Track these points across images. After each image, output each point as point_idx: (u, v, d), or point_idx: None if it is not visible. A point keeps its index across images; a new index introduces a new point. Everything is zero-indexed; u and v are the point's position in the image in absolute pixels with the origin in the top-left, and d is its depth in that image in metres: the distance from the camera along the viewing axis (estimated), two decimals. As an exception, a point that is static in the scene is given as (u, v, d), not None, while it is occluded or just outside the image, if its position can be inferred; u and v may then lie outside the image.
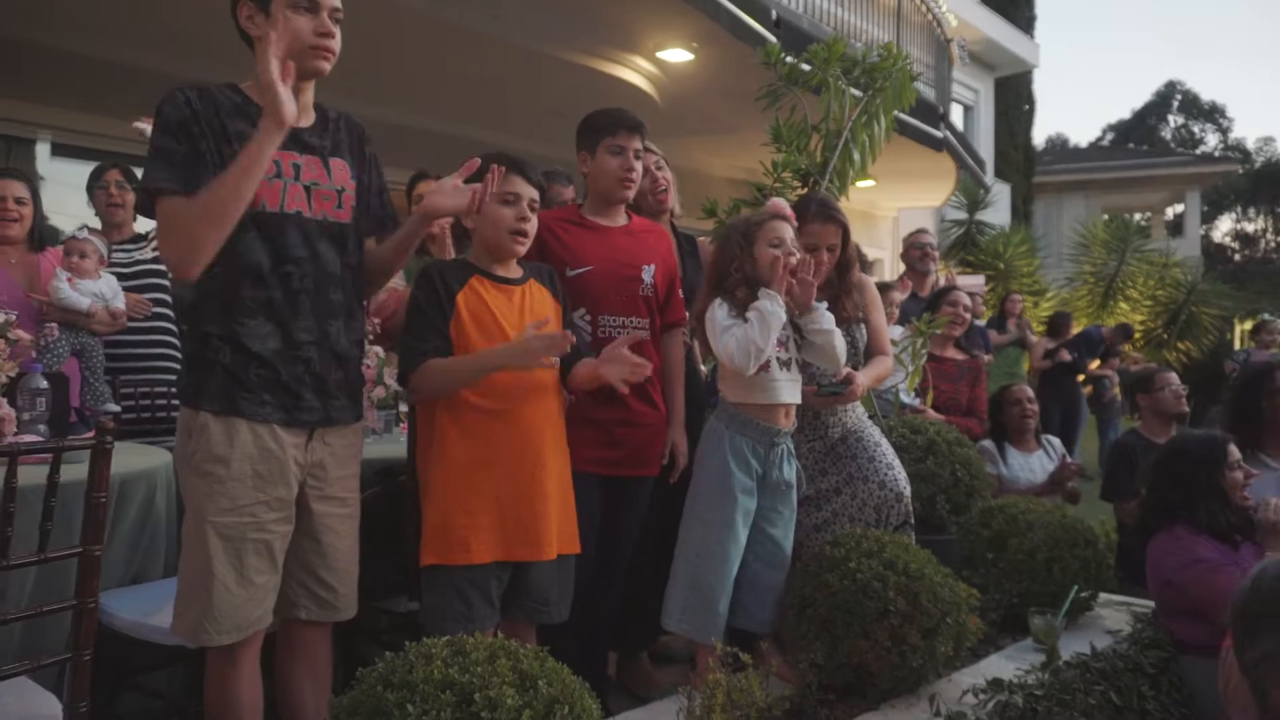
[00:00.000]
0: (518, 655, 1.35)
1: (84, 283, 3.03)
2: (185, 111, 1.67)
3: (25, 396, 2.32)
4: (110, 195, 3.44)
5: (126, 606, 1.99)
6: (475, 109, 6.60)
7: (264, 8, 1.71)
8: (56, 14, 4.88)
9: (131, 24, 5.03)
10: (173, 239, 1.67)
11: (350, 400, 1.87)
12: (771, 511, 2.33)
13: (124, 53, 5.33)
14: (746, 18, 5.36)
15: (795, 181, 3.09)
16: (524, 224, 2.02)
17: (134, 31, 5.13)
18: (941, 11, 9.71)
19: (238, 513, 1.67)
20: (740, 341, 2.18)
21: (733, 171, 8.49)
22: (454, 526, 1.91)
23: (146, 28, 5.07)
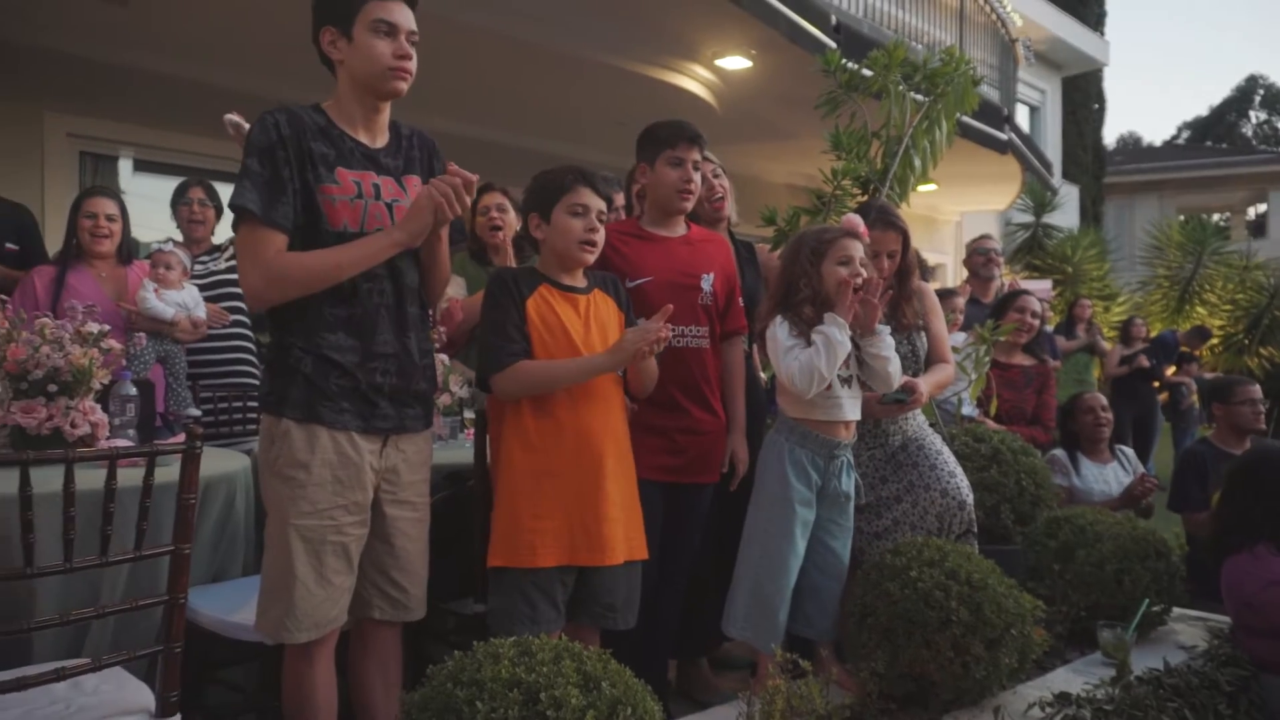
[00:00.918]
0: (581, 657, 1.38)
1: (169, 293, 3.18)
2: (272, 135, 1.76)
3: (117, 402, 2.45)
4: (193, 210, 3.59)
5: (208, 603, 2.08)
6: (537, 120, 6.71)
7: (346, 33, 1.79)
8: (136, 36, 5.12)
9: (209, 44, 5.26)
10: (255, 273, 1.76)
11: (422, 408, 1.94)
12: (830, 523, 2.34)
13: (201, 72, 5.56)
14: (805, 23, 5.35)
15: (855, 189, 3.08)
16: (593, 234, 2.07)
17: (211, 51, 5.36)
18: (1006, 12, 9.53)
19: (318, 516, 1.75)
20: (803, 366, 2.18)
21: (792, 178, 8.46)
22: (520, 530, 1.96)
23: (223, 48, 5.29)
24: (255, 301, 1.80)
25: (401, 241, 1.79)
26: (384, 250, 1.78)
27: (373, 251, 1.77)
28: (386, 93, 1.84)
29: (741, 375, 2.55)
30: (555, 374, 2.00)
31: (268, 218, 1.73)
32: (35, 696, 1.49)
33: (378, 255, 1.78)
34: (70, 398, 2.23)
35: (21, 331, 2.23)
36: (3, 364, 2.17)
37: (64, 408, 2.21)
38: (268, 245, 1.74)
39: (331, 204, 1.78)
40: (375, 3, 1.79)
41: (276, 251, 1.74)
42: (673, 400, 2.30)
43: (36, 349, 2.19)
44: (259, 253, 1.74)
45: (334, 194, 1.78)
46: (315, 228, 1.77)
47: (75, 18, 4.87)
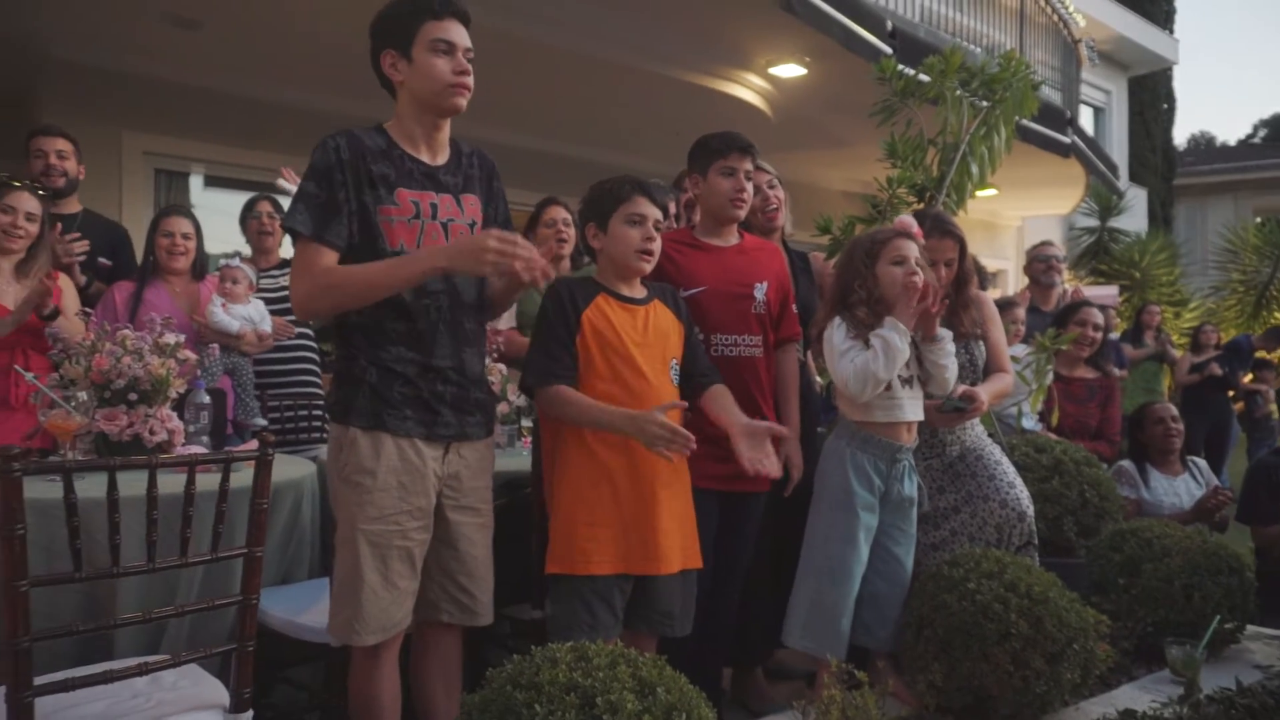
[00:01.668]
0: (637, 663, 1.40)
1: (235, 307, 3.30)
2: (332, 159, 1.82)
3: (192, 410, 2.55)
4: (262, 224, 3.72)
5: (277, 605, 2.16)
6: (594, 131, 6.79)
7: (406, 54, 1.85)
8: (207, 57, 5.33)
9: (275, 64, 5.45)
10: (302, 285, 1.83)
11: (483, 416, 1.98)
12: (894, 528, 2.32)
13: (267, 90, 5.77)
14: (860, 30, 5.32)
15: (911, 197, 3.06)
16: (650, 244, 2.09)
17: (277, 70, 5.55)
18: (1068, 12, 9.33)
19: (384, 521, 1.80)
20: (860, 369, 2.17)
21: (848, 185, 8.39)
22: (576, 538, 2.00)
23: (289, 67, 5.48)
24: (301, 311, 1.86)
25: (440, 269, 1.80)
26: (421, 274, 1.80)
27: (409, 275, 1.79)
28: (447, 110, 1.89)
29: (796, 383, 2.55)
30: (578, 409, 1.99)
31: (319, 236, 1.79)
32: (118, 690, 1.57)
33: (413, 279, 1.80)
34: (149, 406, 2.33)
35: (105, 343, 2.34)
36: (88, 374, 2.28)
37: (143, 415, 2.32)
38: (318, 260, 1.80)
39: (390, 224, 1.84)
40: (432, 23, 1.84)
41: (325, 267, 1.80)
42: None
43: (119, 359, 2.30)
44: (308, 267, 1.81)
45: (392, 215, 1.84)
46: (373, 247, 1.83)
47: (151, 42, 5.09)
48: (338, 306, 1.83)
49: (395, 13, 1.86)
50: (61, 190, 3.37)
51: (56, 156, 3.35)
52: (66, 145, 3.39)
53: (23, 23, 4.84)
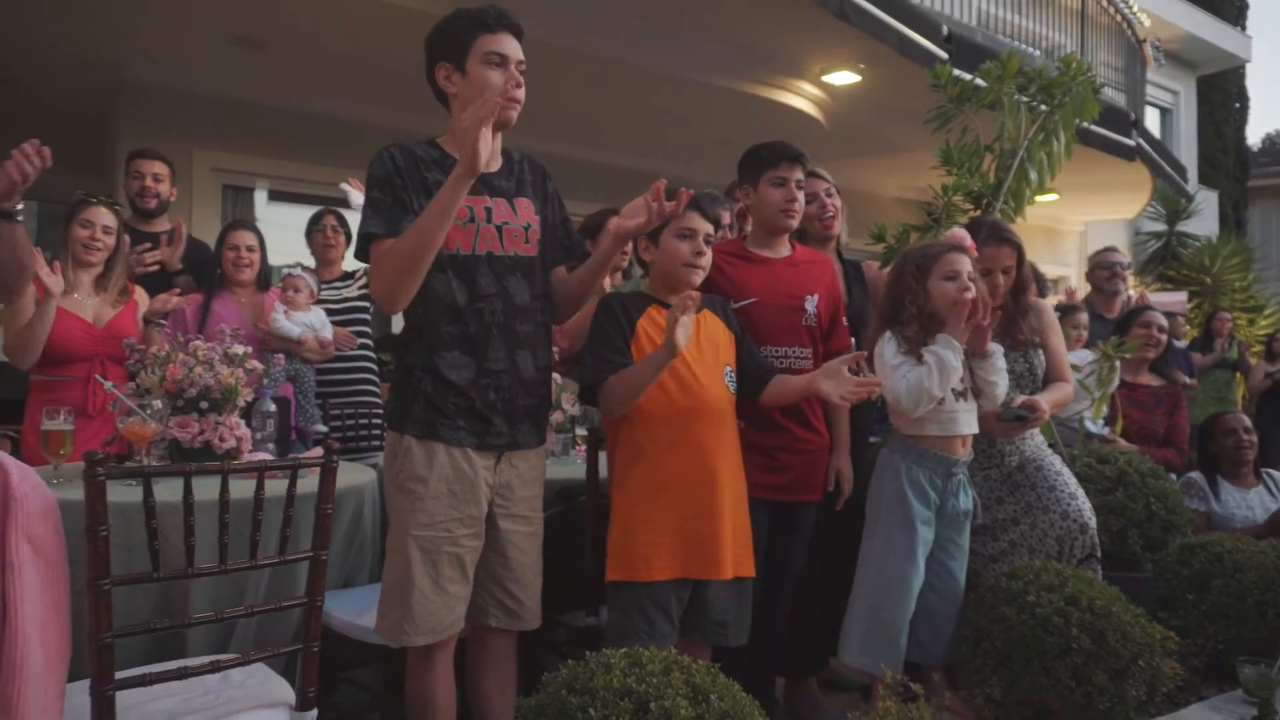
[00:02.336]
0: (690, 670, 1.42)
1: (296, 314, 3.40)
2: (389, 167, 1.88)
3: (258, 418, 2.64)
4: (326, 237, 3.83)
5: (339, 607, 2.21)
6: (646, 141, 6.83)
7: (460, 67, 1.90)
8: (271, 75, 5.51)
9: (335, 81, 5.61)
10: (379, 278, 1.88)
11: (535, 425, 2.01)
12: (949, 542, 2.29)
13: (327, 106, 5.94)
14: (915, 36, 5.27)
15: (967, 204, 3.02)
16: (699, 258, 2.11)
17: (337, 87, 5.71)
18: (1132, 12, 9.09)
19: (435, 527, 1.84)
20: (912, 386, 2.15)
21: (903, 191, 8.29)
22: (636, 545, 2.02)
23: (348, 83, 5.63)
24: (386, 306, 1.87)
25: (461, 174, 1.75)
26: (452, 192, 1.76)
27: (444, 201, 1.76)
28: (500, 122, 1.93)
29: None
30: (629, 378, 2.01)
31: (393, 233, 1.84)
32: (191, 686, 1.63)
33: (450, 200, 1.76)
34: (219, 414, 2.42)
35: (178, 353, 2.44)
36: (162, 383, 2.38)
37: (213, 423, 2.40)
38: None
39: None
40: (486, 36, 1.89)
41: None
42: (773, 419, 2.31)
43: (191, 369, 2.39)
44: (383, 264, 1.84)
45: None
46: None
47: (220, 63, 5.29)
48: (407, 274, 1.80)
49: (450, 26, 1.91)
50: (153, 210, 3.55)
51: (153, 179, 3.54)
52: (163, 169, 3.58)
53: (101, 48, 5.07)
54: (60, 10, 4.59)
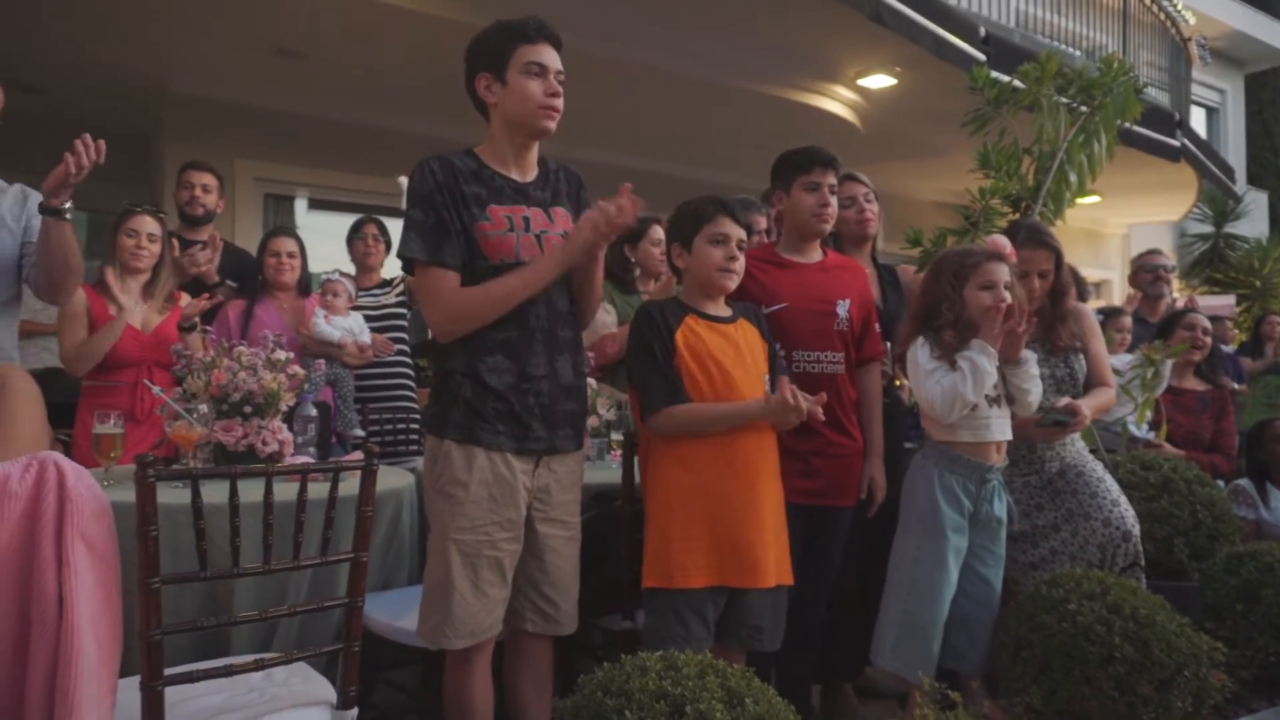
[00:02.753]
0: (725, 673, 1.42)
1: (336, 319, 3.46)
2: (430, 183, 1.91)
3: (300, 423, 2.69)
4: (367, 245, 3.90)
5: (378, 609, 2.25)
6: (681, 147, 6.84)
7: (500, 77, 1.93)
8: (311, 86, 5.61)
9: (373, 91, 5.70)
10: (438, 310, 1.91)
11: (573, 430, 2.03)
12: (982, 549, 2.27)
13: (366, 116, 6.04)
14: (952, 38, 5.23)
15: (1005, 207, 2.99)
16: (733, 263, 2.12)
17: (375, 97, 5.80)
18: (1176, 9, 8.92)
19: (474, 531, 1.86)
20: (945, 392, 2.14)
21: (940, 195, 8.21)
22: (672, 552, 2.02)
23: (386, 93, 5.72)
24: (442, 336, 1.93)
25: (565, 261, 1.89)
26: (550, 271, 1.88)
27: (540, 273, 1.88)
28: (537, 131, 1.95)
29: (879, 400, 2.53)
30: (697, 418, 2.04)
31: (437, 260, 1.87)
32: (235, 683, 1.67)
33: (546, 276, 1.89)
34: (262, 418, 2.47)
35: (223, 359, 2.49)
36: (208, 388, 2.43)
37: (257, 427, 2.45)
38: (443, 285, 1.88)
39: (487, 239, 1.91)
40: (526, 46, 1.92)
41: (452, 290, 1.88)
42: (806, 424, 2.31)
43: (235, 374, 2.44)
44: (437, 293, 1.89)
45: (488, 230, 1.91)
46: (472, 263, 1.91)
47: (261, 74, 5.41)
48: (479, 323, 1.88)
49: (490, 37, 1.94)
50: (199, 219, 3.68)
51: (201, 189, 3.68)
52: (212, 180, 3.72)
53: (147, 63, 5.21)
54: (107, 26, 4.72)
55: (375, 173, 5.92)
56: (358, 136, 6.07)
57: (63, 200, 2.23)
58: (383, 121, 6.06)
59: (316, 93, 5.73)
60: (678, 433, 2.06)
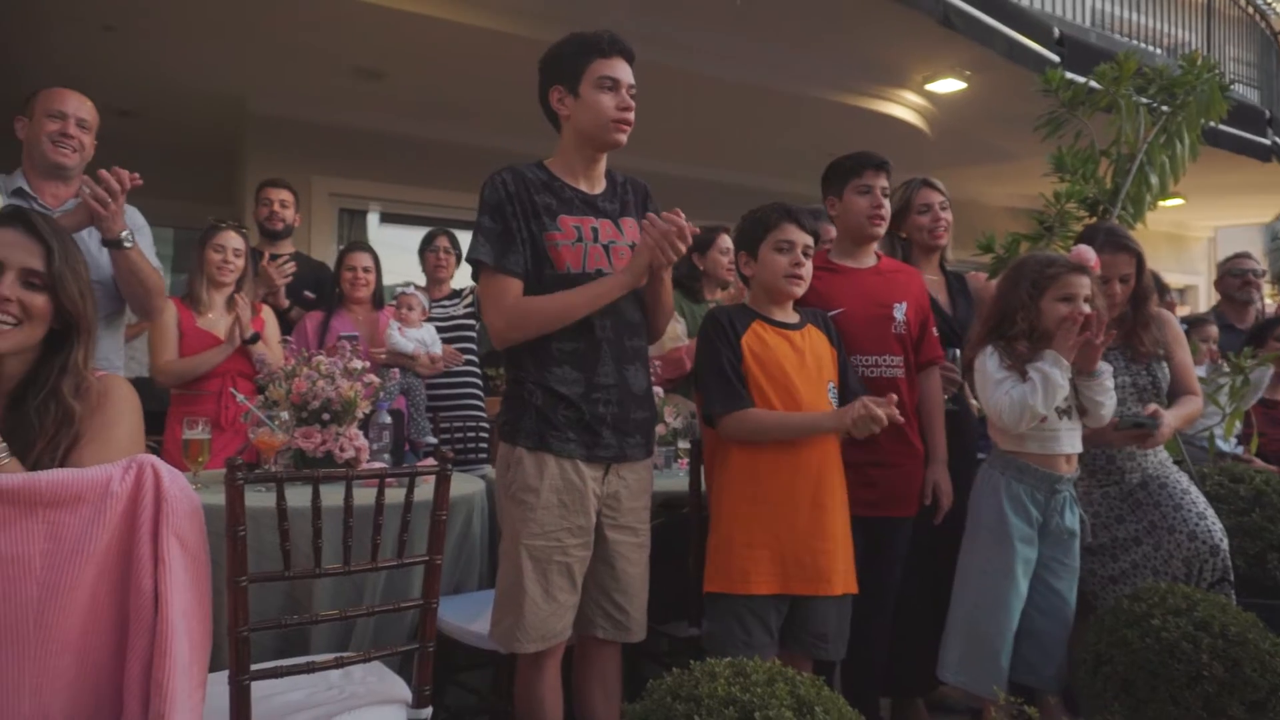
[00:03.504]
0: (795, 681, 1.41)
1: (409, 330, 3.55)
2: (501, 193, 1.96)
3: (375, 430, 2.77)
4: (439, 258, 4.00)
5: (450, 612, 2.29)
6: (746, 156, 6.84)
7: (573, 90, 1.97)
8: (386, 104, 5.78)
9: (446, 107, 5.84)
10: (499, 318, 1.95)
11: (643, 438, 2.05)
12: (1054, 562, 2.20)
13: (437, 131, 6.20)
14: (1024, 40, 5.12)
15: (1082, 211, 2.91)
16: (798, 269, 2.12)
17: (448, 113, 5.95)
18: (1265, 2, 8.56)
19: (545, 537, 1.89)
20: (1015, 402, 2.09)
21: (1012, 200, 8.03)
22: (735, 557, 2.03)
23: (458, 109, 5.86)
24: (499, 341, 1.98)
25: (626, 284, 1.92)
26: (611, 292, 1.92)
27: (601, 293, 1.92)
28: (608, 144, 1.99)
29: (940, 405, 2.49)
30: (767, 425, 2.05)
31: (501, 266, 1.92)
32: (316, 680, 1.73)
33: (606, 297, 1.92)
34: (340, 425, 2.55)
35: (303, 368, 2.59)
36: (289, 395, 2.52)
37: (334, 434, 2.53)
38: (506, 292, 1.93)
39: (556, 249, 1.94)
40: (600, 61, 1.95)
41: (515, 297, 1.93)
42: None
43: (314, 383, 2.53)
44: (500, 299, 1.93)
45: (558, 240, 1.95)
46: (541, 271, 1.95)
47: (338, 94, 5.60)
48: (534, 334, 1.93)
49: (565, 51, 1.98)
50: (278, 233, 3.87)
51: (279, 205, 3.86)
52: (289, 196, 3.90)
53: (230, 84, 5.45)
54: (194, 53, 4.96)
55: (445, 187, 6.08)
56: (429, 151, 6.23)
57: (117, 233, 2.33)
58: (453, 136, 6.21)
59: (390, 110, 5.90)
60: (746, 438, 2.06)
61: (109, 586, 1.26)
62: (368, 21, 4.54)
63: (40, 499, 1.20)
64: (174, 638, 1.25)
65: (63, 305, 1.47)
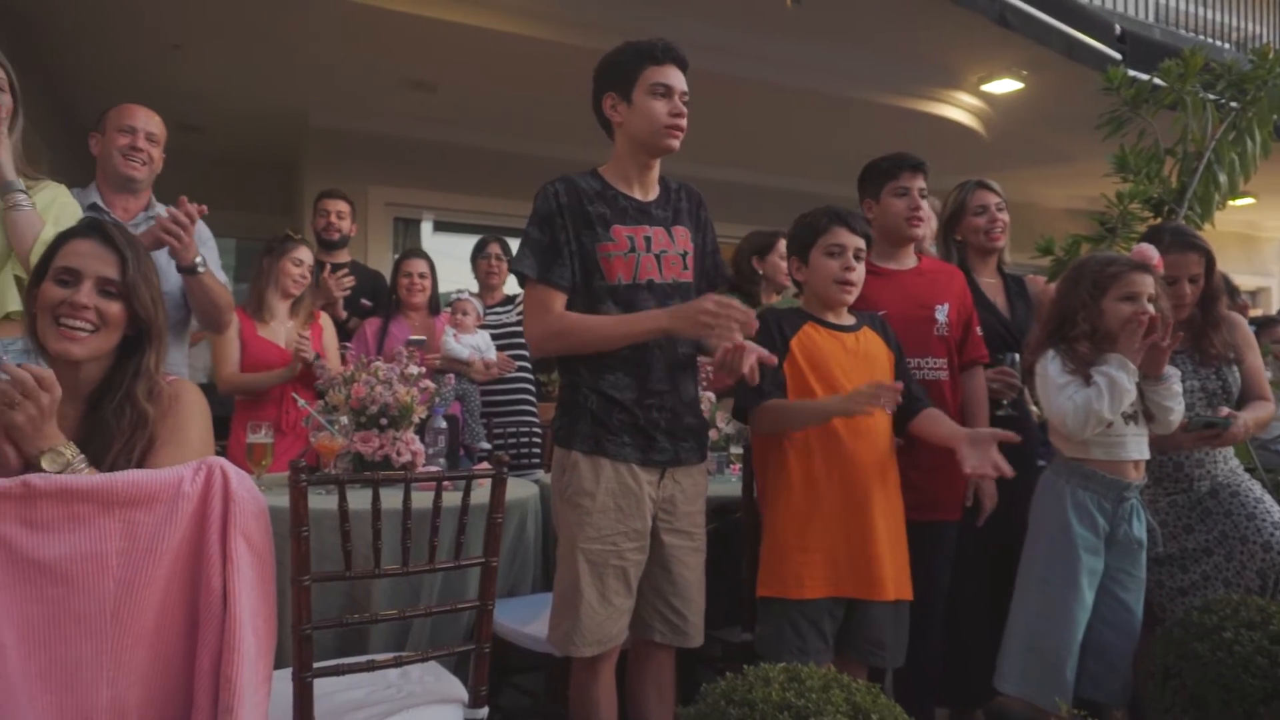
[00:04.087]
0: (850, 688, 1.40)
1: (464, 336, 3.60)
2: (552, 204, 1.98)
3: (431, 434, 2.81)
4: (490, 264, 4.05)
5: (505, 615, 2.32)
6: (797, 160, 6.80)
7: (627, 97, 1.99)
8: (440, 115, 5.89)
9: (499, 117, 5.92)
10: (538, 328, 1.98)
11: (697, 442, 2.05)
12: (1120, 573, 2.14)
13: (490, 141, 6.28)
14: (1084, 37, 5.00)
15: (1146, 212, 2.83)
16: (849, 274, 2.11)
17: (501, 123, 6.03)
18: (1339, -6, 8.23)
19: (601, 541, 1.91)
20: (1079, 407, 2.04)
21: (1072, 202, 7.84)
22: (788, 562, 2.02)
23: (511, 119, 5.93)
24: (536, 351, 2.03)
25: (666, 330, 1.91)
26: (648, 334, 1.92)
27: (638, 331, 1.92)
28: (660, 150, 2.00)
29: (984, 405, 2.45)
30: (789, 413, 2.05)
31: (545, 278, 1.94)
32: (375, 679, 1.76)
33: (641, 336, 1.92)
34: (397, 430, 2.60)
35: (361, 374, 2.64)
36: (348, 401, 2.58)
37: (392, 438, 2.58)
38: (550, 304, 1.95)
39: (608, 260, 1.96)
40: (653, 68, 1.97)
41: (557, 312, 1.95)
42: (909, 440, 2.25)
43: (373, 388, 2.58)
44: (541, 311, 1.96)
45: (610, 251, 1.96)
46: (591, 281, 1.97)
47: (392, 105, 5.72)
48: (570, 351, 1.97)
49: (619, 58, 2.00)
50: (335, 243, 3.98)
51: (336, 216, 3.97)
52: (345, 207, 4.01)
53: (291, 99, 5.60)
54: (256, 69, 5.12)
55: (497, 195, 6.16)
56: (481, 160, 6.32)
57: (190, 259, 2.42)
58: (505, 145, 6.30)
59: (443, 120, 6.01)
60: (769, 429, 2.07)
61: (180, 583, 1.30)
62: (421, 35, 4.63)
63: (117, 499, 1.25)
64: (241, 634, 1.29)
65: (136, 312, 1.53)
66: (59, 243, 1.55)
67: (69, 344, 1.48)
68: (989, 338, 2.54)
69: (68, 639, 1.22)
